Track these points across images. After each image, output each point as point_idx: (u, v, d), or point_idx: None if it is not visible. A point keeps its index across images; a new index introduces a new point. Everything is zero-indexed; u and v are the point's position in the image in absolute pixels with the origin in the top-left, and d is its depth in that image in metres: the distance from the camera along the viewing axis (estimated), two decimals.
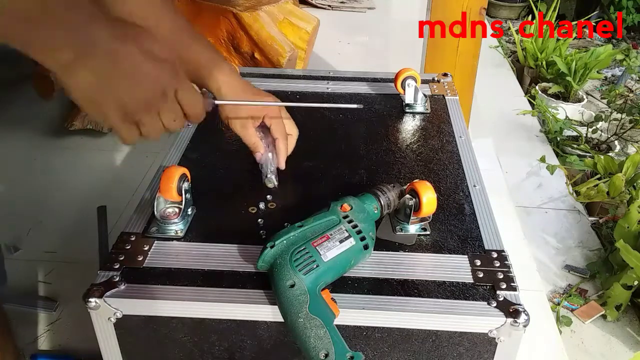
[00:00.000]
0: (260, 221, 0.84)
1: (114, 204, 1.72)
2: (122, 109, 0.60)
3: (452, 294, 0.72)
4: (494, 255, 0.78)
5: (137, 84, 0.60)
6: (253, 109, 0.89)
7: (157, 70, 0.61)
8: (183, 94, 0.65)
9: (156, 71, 0.61)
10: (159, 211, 0.81)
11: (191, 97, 0.66)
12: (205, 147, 1.02)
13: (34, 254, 1.64)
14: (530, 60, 3.12)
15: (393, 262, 0.77)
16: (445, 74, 1.29)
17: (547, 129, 2.57)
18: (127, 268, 0.75)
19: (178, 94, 0.64)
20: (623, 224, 1.68)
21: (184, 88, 0.65)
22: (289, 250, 0.69)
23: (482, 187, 0.92)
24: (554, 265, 1.80)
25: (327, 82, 1.25)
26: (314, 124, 1.10)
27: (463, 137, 1.06)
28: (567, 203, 2.08)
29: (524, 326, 0.68)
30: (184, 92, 0.65)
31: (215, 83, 0.87)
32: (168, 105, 0.64)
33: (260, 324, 0.72)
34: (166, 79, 0.62)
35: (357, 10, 3.64)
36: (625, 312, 1.63)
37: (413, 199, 0.79)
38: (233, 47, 2.17)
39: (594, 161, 2.17)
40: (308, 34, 2.28)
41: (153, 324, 0.73)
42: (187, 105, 0.66)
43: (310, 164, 0.97)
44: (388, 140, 1.05)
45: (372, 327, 0.71)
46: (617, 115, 2.53)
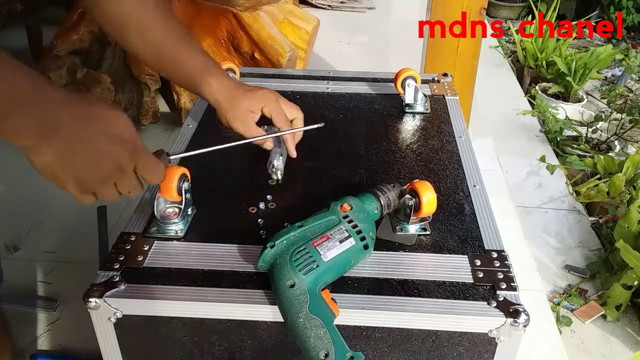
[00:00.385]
0: (260, 221, 0.84)
1: (114, 204, 1.72)
2: (79, 183, 0.64)
3: (452, 294, 0.72)
4: (494, 255, 0.78)
5: (95, 163, 0.63)
6: (250, 102, 0.90)
7: (117, 149, 0.64)
8: (142, 168, 0.68)
9: (116, 150, 0.64)
10: (159, 211, 0.81)
11: (150, 169, 0.69)
12: (205, 147, 1.02)
13: (34, 254, 1.65)
14: (530, 60, 3.12)
15: (393, 262, 0.77)
16: (445, 74, 1.29)
17: (547, 129, 2.57)
18: (127, 268, 0.75)
19: (137, 168, 0.68)
20: (623, 224, 1.68)
21: (143, 162, 0.68)
22: (289, 250, 0.69)
23: (482, 187, 0.92)
24: (554, 265, 1.80)
25: (327, 82, 1.25)
26: (314, 123, 1.10)
27: (463, 137, 1.06)
28: (567, 203, 2.08)
29: (524, 326, 0.68)
30: (143, 166, 0.68)
31: (208, 87, 0.90)
32: (125, 179, 0.67)
33: (260, 324, 0.72)
34: (125, 157, 0.65)
35: (357, 10, 3.64)
36: (625, 312, 1.63)
37: (413, 199, 0.79)
38: (233, 47, 2.17)
39: (594, 161, 2.17)
40: (308, 34, 2.28)
41: (153, 324, 0.73)
42: (146, 176, 0.69)
43: (310, 164, 0.97)
44: (388, 140, 1.05)
45: (372, 327, 0.71)
46: (617, 115, 2.53)
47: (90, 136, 0.62)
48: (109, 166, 0.64)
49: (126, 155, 0.65)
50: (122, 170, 0.66)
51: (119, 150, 0.64)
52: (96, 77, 2.07)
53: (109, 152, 0.64)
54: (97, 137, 0.63)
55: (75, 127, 0.61)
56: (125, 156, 0.65)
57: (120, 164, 0.65)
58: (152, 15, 0.87)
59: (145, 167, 0.68)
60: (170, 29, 0.89)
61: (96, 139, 0.63)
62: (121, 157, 0.65)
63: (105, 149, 0.63)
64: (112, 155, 0.64)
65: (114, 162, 0.64)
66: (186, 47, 0.89)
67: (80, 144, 0.61)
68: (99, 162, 0.64)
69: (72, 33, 2.06)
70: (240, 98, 0.90)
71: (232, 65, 1.16)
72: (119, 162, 0.65)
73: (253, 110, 0.91)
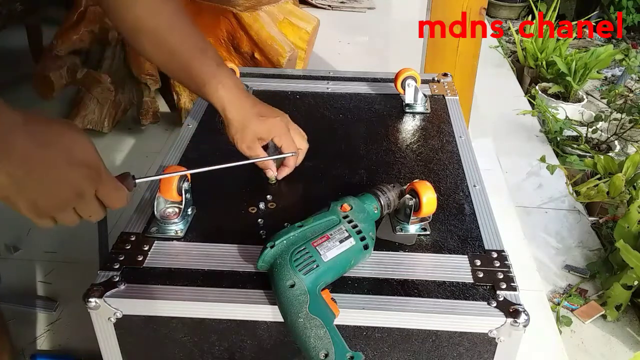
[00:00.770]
0: (260, 221, 0.84)
1: None
2: (34, 208, 0.61)
3: (452, 294, 0.72)
4: (494, 255, 0.78)
5: (52, 188, 0.60)
6: (260, 130, 0.88)
7: (76, 174, 0.61)
8: (103, 193, 0.65)
9: (74, 175, 0.61)
10: (159, 211, 0.81)
11: (111, 195, 0.66)
12: (205, 147, 1.02)
13: (34, 254, 1.65)
14: (530, 60, 3.11)
15: (393, 262, 0.77)
16: (445, 74, 1.29)
17: (547, 129, 2.57)
18: (127, 268, 0.75)
19: (98, 193, 0.64)
20: (623, 224, 1.68)
21: (105, 187, 0.64)
22: (289, 250, 0.69)
23: (482, 187, 0.92)
24: (554, 265, 1.80)
25: (327, 82, 1.25)
26: (314, 124, 1.10)
27: (463, 137, 1.06)
28: (567, 203, 2.08)
29: (524, 326, 0.68)
30: (104, 191, 0.64)
31: (220, 104, 0.87)
32: (85, 204, 0.64)
33: (260, 324, 0.72)
34: (84, 182, 0.62)
35: (357, 10, 3.63)
36: (625, 312, 1.63)
37: (413, 199, 0.79)
38: (233, 47, 2.17)
39: (594, 161, 2.16)
40: (308, 34, 2.28)
41: (153, 324, 0.73)
42: (108, 201, 0.66)
43: (310, 164, 0.97)
44: (388, 140, 1.05)
45: (372, 327, 0.71)
46: (617, 115, 2.52)
47: (48, 159, 0.59)
48: (67, 191, 0.61)
49: (86, 180, 0.62)
50: (81, 196, 0.62)
51: (78, 175, 0.61)
52: (96, 77, 2.07)
53: (67, 176, 0.60)
54: (55, 160, 0.59)
55: (31, 149, 0.57)
56: (84, 181, 0.62)
57: (79, 190, 0.62)
58: (166, 24, 0.85)
59: (106, 192, 0.65)
60: (184, 38, 0.86)
61: (54, 162, 0.59)
62: (80, 182, 0.62)
63: (64, 173, 0.60)
64: (71, 180, 0.61)
65: (72, 187, 0.61)
66: (200, 58, 0.86)
67: (37, 168, 0.58)
68: (56, 187, 0.60)
69: (72, 33, 2.06)
70: (251, 124, 0.88)
71: (233, 65, 1.15)
72: (77, 187, 0.62)
73: (262, 137, 0.89)
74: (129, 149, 2.15)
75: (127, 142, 2.20)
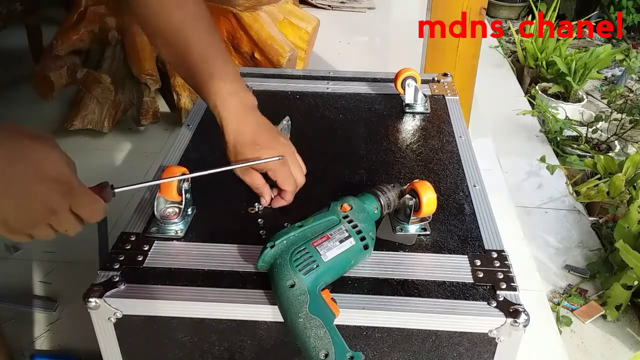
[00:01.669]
0: (260, 221, 0.84)
1: (114, 204, 1.72)
2: (4, 225, 0.59)
3: (452, 294, 0.72)
4: (494, 255, 0.78)
5: (21, 205, 0.58)
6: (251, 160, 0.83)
7: (47, 190, 0.59)
8: (78, 207, 0.62)
9: (45, 191, 0.59)
10: (159, 211, 0.81)
11: (86, 209, 0.63)
12: (205, 147, 1.02)
13: (34, 254, 1.64)
14: (530, 60, 3.12)
15: (393, 262, 0.77)
16: (445, 74, 1.29)
17: (547, 129, 2.57)
18: (127, 268, 0.75)
19: (73, 207, 0.62)
20: (623, 224, 1.68)
21: (78, 201, 0.62)
22: (289, 250, 0.69)
23: (482, 187, 0.92)
24: (554, 265, 1.80)
25: (327, 82, 1.25)
26: (314, 124, 1.10)
27: (463, 137, 1.06)
28: (567, 203, 2.08)
29: (524, 326, 0.68)
30: (79, 205, 0.62)
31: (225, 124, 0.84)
32: (58, 219, 0.61)
33: (260, 324, 0.72)
34: (56, 198, 0.60)
35: (357, 10, 3.63)
36: (625, 312, 1.63)
37: (413, 199, 0.79)
38: (233, 47, 2.17)
39: (594, 161, 2.16)
40: (308, 34, 2.28)
41: (153, 324, 0.73)
42: (83, 215, 0.64)
43: (310, 164, 0.97)
44: (388, 140, 1.05)
45: (372, 327, 0.71)
46: (617, 115, 2.53)
47: (17, 175, 0.57)
48: (38, 208, 0.59)
49: (57, 195, 0.59)
50: (53, 212, 0.60)
51: (49, 190, 0.59)
52: (96, 77, 2.07)
53: (37, 193, 0.58)
54: (24, 176, 0.57)
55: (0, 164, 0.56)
56: (56, 197, 0.59)
57: (51, 206, 0.60)
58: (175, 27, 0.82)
59: (81, 206, 0.62)
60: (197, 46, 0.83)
61: (24, 178, 0.57)
62: (52, 199, 0.59)
63: (34, 189, 0.58)
64: (41, 196, 0.58)
65: (43, 203, 0.59)
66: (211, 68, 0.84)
67: (5, 184, 0.56)
68: (26, 203, 0.58)
69: (72, 33, 2.06)
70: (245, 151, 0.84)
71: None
72: (49, 203, 0.59)
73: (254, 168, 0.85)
74: (129, 149, 2.15)
75: (127, 142, 2.20)
